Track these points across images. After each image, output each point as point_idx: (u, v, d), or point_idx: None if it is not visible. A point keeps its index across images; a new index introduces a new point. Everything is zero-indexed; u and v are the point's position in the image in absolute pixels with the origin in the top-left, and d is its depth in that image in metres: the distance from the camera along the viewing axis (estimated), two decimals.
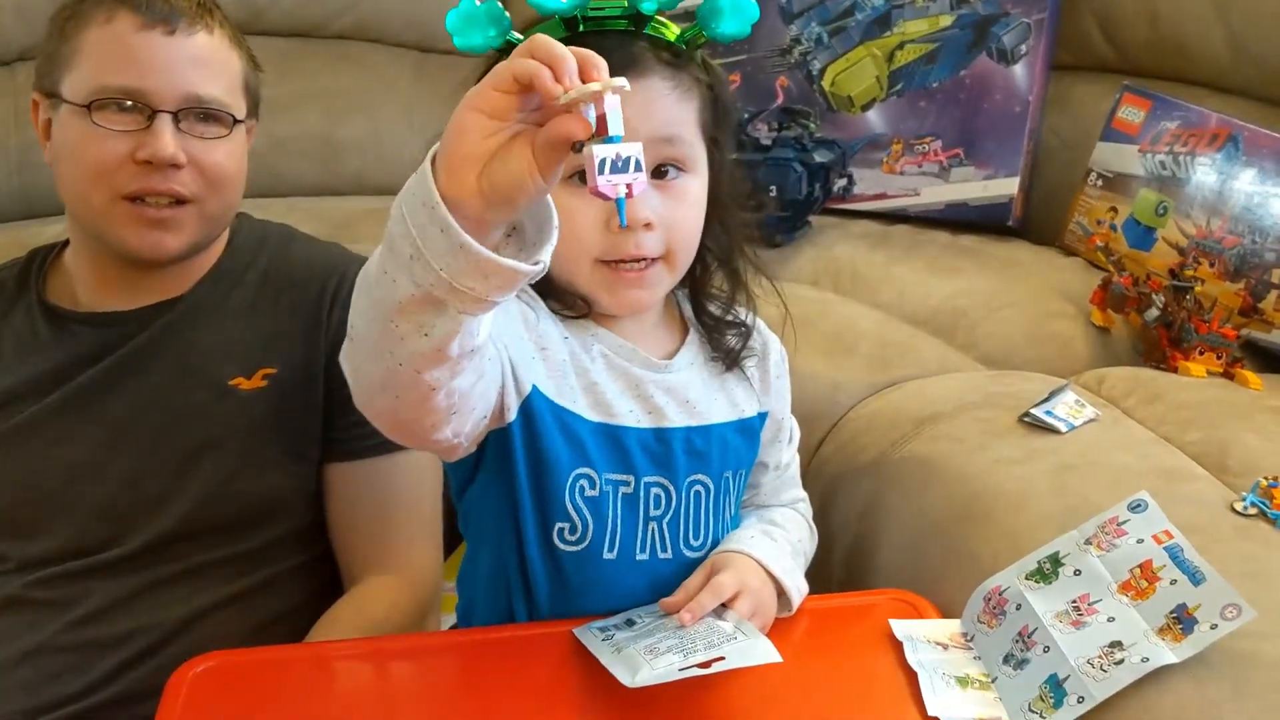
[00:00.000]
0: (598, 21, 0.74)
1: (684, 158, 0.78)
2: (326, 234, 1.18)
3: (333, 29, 1.91)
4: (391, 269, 0.60)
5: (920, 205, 1.69)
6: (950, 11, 1.67)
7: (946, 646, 0.82)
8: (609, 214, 0.75)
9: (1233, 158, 1.40)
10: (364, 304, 0.63)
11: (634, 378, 0.82)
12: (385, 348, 0.62)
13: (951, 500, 0.98)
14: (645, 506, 0.82)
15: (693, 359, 0.85)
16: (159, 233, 0.95)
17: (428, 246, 0.58)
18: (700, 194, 0.80)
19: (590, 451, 0.79)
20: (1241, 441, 0.99)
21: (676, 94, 0.76)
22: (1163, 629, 0.73)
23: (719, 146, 0.81)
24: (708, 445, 0.83)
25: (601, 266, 0.77)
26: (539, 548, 0.81)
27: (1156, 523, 0.80)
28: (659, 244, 0.77)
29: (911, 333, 1.36)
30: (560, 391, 0.79)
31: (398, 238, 0.59)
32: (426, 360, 0.62)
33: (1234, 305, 1.35)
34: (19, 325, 1.01)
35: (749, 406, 0.87)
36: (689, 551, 0.84)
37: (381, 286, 0.60)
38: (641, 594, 0.83)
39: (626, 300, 0.79)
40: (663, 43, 0.76)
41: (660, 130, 0.75)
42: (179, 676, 0.79)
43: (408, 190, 0.59)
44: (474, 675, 0.80)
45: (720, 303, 0.87)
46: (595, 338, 0.81)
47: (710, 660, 0.73)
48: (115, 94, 0.92)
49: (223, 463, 0.97)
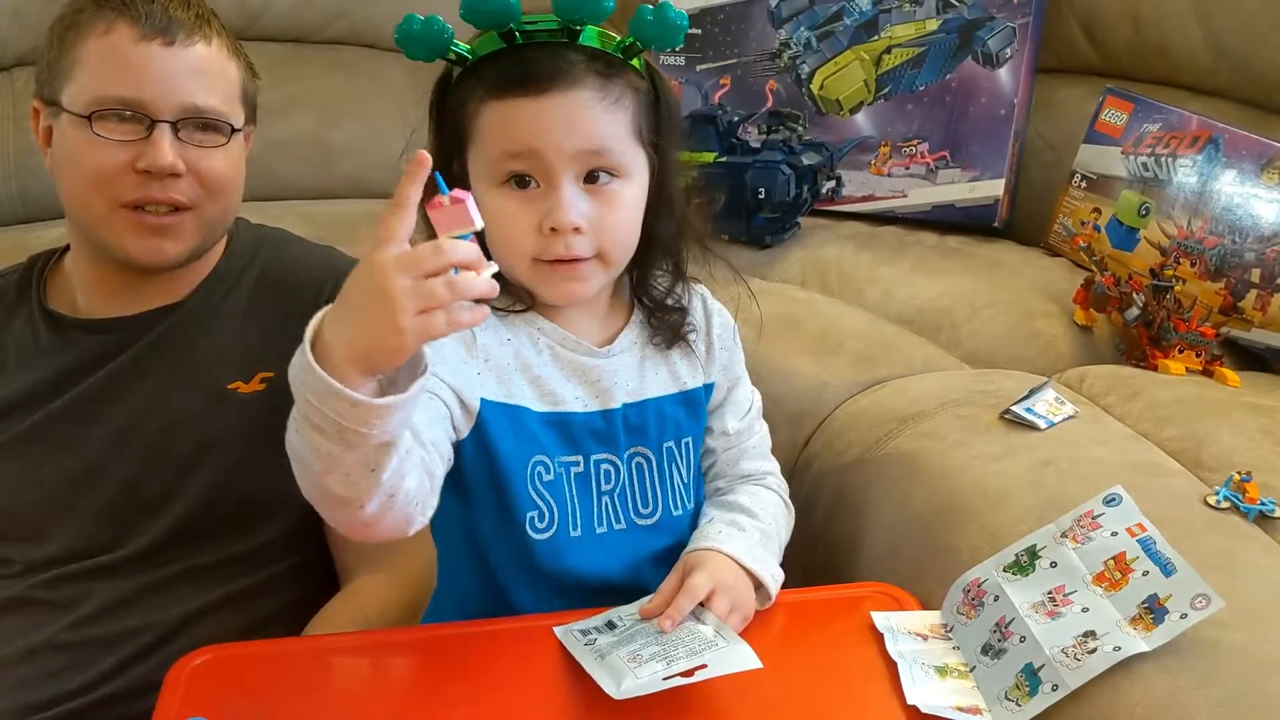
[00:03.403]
0: (531, 35, 0.78)
1: (614, 165, 0.80)
2: (321, 237, 1.19)
3: (327, 34, 1.93)
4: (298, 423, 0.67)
5: (907, 207, 1.71)
6: (936, 16, 1.69)
7: (926, 637, 0.84)
8: (541, 217, 0.79)
9: (1213, 159, 1.42)
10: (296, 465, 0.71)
11: (579, 365, 0.86)
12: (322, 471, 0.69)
13: (932, 496, 0.99)
14: (596, 482, 0.86)
15: (635, 339, 0.89)
16: (159, 239, 0.96)
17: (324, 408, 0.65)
18: (634, 197, 0.82)
19: (541, 439, 0.84)
20: (1217, 437, 1.01)
21: (605, 104, 0.79)
22: (1135, 619, 0.75)
23: (661, 148, 0.84)
24: (643, 418, 0.87)
25: (538, 263, 0.81)
26: (509, 544, 0.84)
27: (1130, 516, 0.82)
28: (589, 246, 0.80)
29: (897, 332, 1.38)
30: (509, 392, 0.83)
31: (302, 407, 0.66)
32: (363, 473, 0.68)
33: (1214, 304, 1.37)
34: (20, 332, 1.02)
35: (692, 379, 0.90)
36: (639, 520, 0.88)
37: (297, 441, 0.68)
38: (612, 567, 0.86)
39: (563, 292, 0.82)
40: (597, 53, 0.79)
41: (586, 143, 0.78)
42: (177, 670, 0.80)
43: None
44: (468, 667, 0.81)
45: (661, 288, 0.90)
46: (541, 331, 0.85)
47: (694, 668, 0.75)
48: (115, 104, 0.93)
49: (221, 466, 0.98)
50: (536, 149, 0.78)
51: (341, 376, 0.63)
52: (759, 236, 1.59)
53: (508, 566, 0.86)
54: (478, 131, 0.80)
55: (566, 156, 0.78)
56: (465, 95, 0.80)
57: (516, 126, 0.78)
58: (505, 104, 0.78)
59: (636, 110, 0.81)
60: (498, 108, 0.78)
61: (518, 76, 0.77)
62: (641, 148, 0.82)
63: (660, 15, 0.79)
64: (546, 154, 0.78)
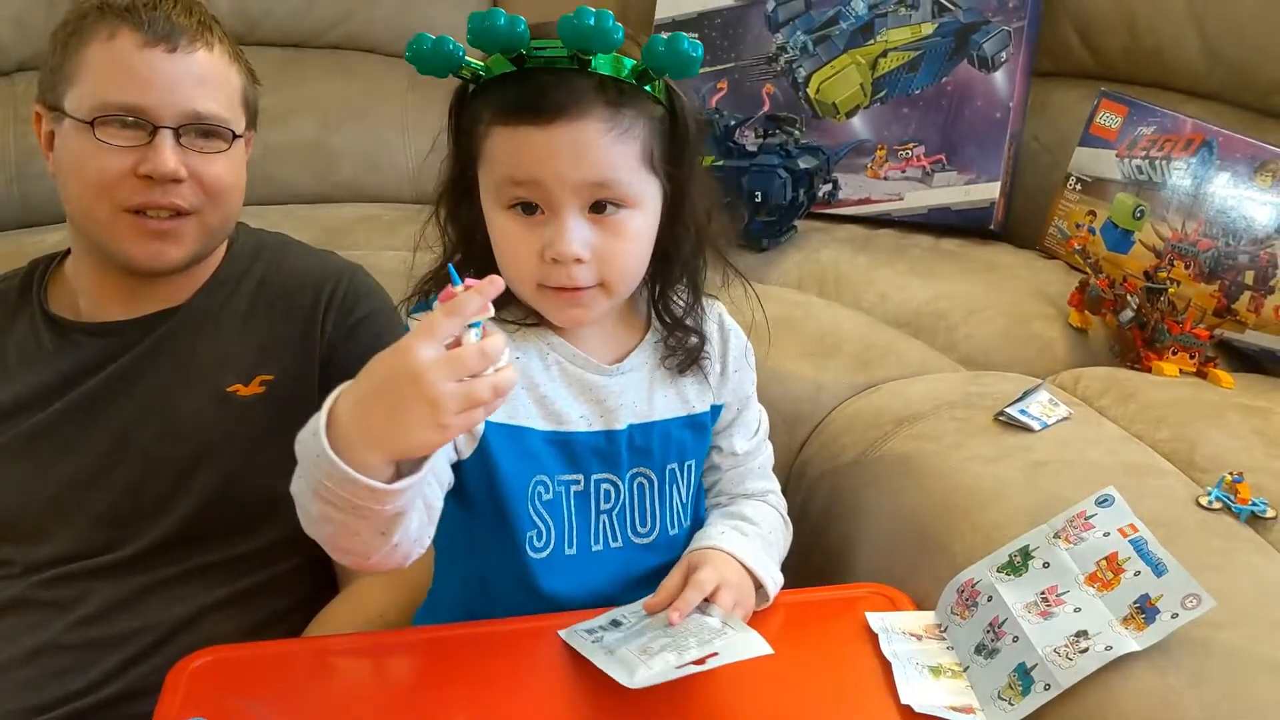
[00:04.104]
0: (542, 60, 0.76)
1: (621, 196, 0.78)
2: (321, 240, 1.20)
3: (326, 39, 1.94)
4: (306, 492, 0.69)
5: (904, 210, 1.71)
6: (932, 20, 1.70)
7: (920, 637, 0.84)
8: (544, 244, 0.78)
9: (1207, 162, 1.42)
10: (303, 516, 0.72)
11: (587, 383, 0.85)
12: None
13: (927, 497, 1.00)
14: (596, 501, 0.86)
15: (646, 359, 0.88)
16: (161, 244, 0.97)
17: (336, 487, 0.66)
18: (643, 226, 0.81)
19: (543, 459, 0.83)
20: (1210, 439, 1.02)
21: (613, 135, 0.76)
22: (1126, 618, 0.76)
23: (676, 174, 0.82)
24: (648, 440, 0.87)
25: (542, 288, 0.80)
26: (506, 558, 0.84)
27: (1122, 517, 0.83)
28: (591, 275, 0.79)
29: (893, 335, 1.38)
30: (513, 412, 0.82)
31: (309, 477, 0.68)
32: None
33: (1209, 306, 1.38)
34: (22, 336, 1.02)
35: (700, 403, 0.90)
36: (637, 539, 0.88)
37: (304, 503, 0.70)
38: (603, 585, 0.87)
39: (565, 318, 0.83)
40: (608, 80, 0.76)
41: (592, 175, 0.76)
42: (178, 670, 0.81)
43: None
44: (469, 668, 0.81)
45: (680, 307, 0.89)
46: (551, 346, 0.85)
47: (705, 656, 0.75)
48: (118, 110, 0.94)
49: (222, 468, 0.98)
50: (540, 179, 0.76)
51: (361, 465, 0.65)
52: (756, 240, 1.59)
53: (502, 581, 0.86)
54: (486, 153, 0.79)
55: (570, 188, 0.76)
56: (476, 114, 0.79)
57: (522, 155, 0.76)
58: (512, 131, 0.76)
59: (648, 138, 0.79)
60: (505, 134, 0.77)
61: (525, 104, 0.76)
62: (653, 175, 0.80)
63: (672, 46, 0.74)
64: (550, 185, 0.76)
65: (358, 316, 1.05)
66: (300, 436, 0.69)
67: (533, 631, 0.84)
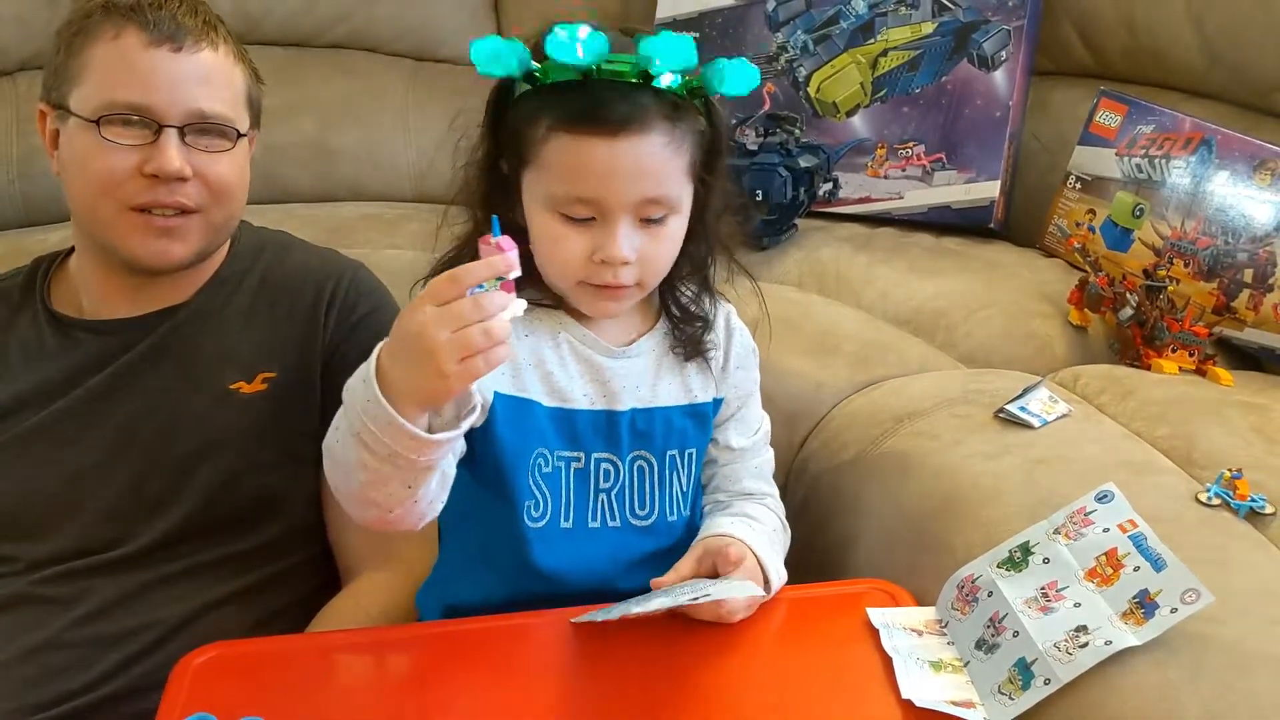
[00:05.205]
0: (610, 73, 0.78)
1: (670, 205, 0.82)
2: (322, 239, 1.20)
3: (328, 39, 1.94)
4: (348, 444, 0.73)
5: (904, 208, 1.72)
6: (932, 19, 1.70)
7: (921, 633, 0.85)
8: (593, 248, 0.81)
9: (1206, 161, 1.43)
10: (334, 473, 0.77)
11: (594, 364, 0.88)
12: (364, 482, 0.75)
13: (928, 494, 1.01)
14: (595, 480, 0.89)
15: (654, 345, 0.91)
16: (165, 241, 0.97)
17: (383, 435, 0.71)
18: (678, 228, 0.84)
19: (546, 433, 0.86)
20: (1209, 435, 1.02)
21: (669, 149, 0.80)
22: (1126, 613, 0.76)
23: (708, 180, 0.85)
24: (650, 425, 0.89)
25: (583, 285, 0.83)
26: (507, 533, 0.86)
27: (1122, 512, 0.83)
28: (633, 275, 0.83)
29: (894, 333, 1.39)
30: (519, 385, 0.86)
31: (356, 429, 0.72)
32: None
33: (1208, 304, 1.38)
34: (25, 333, 1.03)
35: (703, 393, 0.92)
36: (635, 521, 0.90)
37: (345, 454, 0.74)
38: (599, 564, 0.88)
39: (600, 310, 0.87)
40: (668, 95, 0.79)
41: (650, 191, 0.80)
42: (182, 666, 0.81)
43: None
44: (472, 663, 0.82)
45: (689, 299, 0.92)
46: (563, 326, 0.88)
47: (699, 596, 0.79)
48: (123, 109, 0.94)
49: (224, 465, 0.99)
50: (602, 197, 0.79)
51: (400, 409, 0.70)
52: (756, 238, 1.59)
53: (501, 553, 0.88)
54: (542, 158, 0.80)
55: (630, 204, 0.80)
56: (530, 114, 0.80)
57: (588, 168, 0.78)
58: (577, 140, 0.78)
59: (694, 150, 0.82)
60: (568, 142, 0.78)
61: (591, 115, 0.77)
62: (691, 182, 0.84)
63: (737, 70, 0.80)
64: (610, 200, 0.79)
65: (360, 314, 1.06)
66: (349, 384, 0.73)
67: (537, 626, 0.84)
